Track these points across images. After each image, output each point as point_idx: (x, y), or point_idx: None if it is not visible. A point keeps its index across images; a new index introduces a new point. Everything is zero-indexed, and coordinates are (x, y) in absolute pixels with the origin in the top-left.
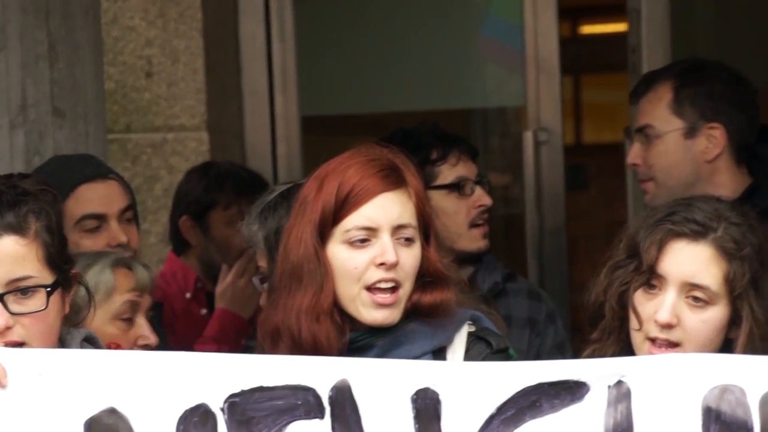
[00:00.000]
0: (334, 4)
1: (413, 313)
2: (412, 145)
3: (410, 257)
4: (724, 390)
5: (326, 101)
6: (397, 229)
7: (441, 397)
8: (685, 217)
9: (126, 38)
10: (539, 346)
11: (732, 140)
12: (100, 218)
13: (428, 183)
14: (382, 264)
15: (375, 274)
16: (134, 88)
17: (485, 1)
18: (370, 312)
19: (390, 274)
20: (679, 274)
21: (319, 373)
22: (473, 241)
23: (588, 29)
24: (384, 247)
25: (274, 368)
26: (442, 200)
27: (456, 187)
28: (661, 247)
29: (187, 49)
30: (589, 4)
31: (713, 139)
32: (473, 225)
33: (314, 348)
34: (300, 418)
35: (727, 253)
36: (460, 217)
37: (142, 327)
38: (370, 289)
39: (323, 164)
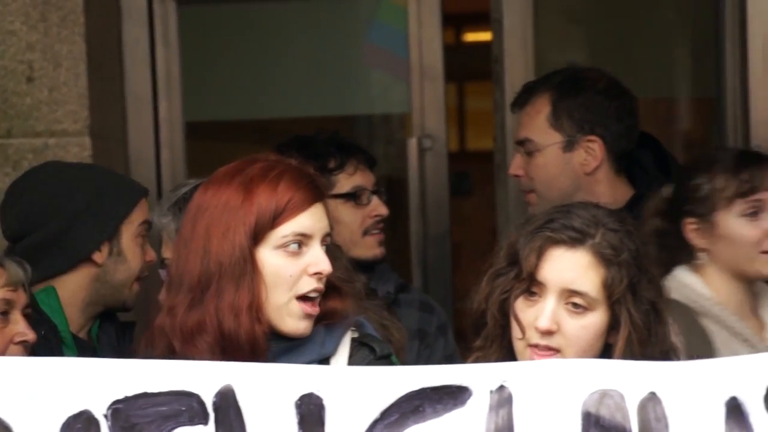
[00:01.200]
0: (218, 9)
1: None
2: (310, 152)
3: (330, 266)
4: (604, 395)
5: (210, 107)
6: (325, 237)
7: (325, 403)
8: (564, 224)
9: (6, 42)
10: (428, 357)
11: (610, 151)
12: None
13: None
14: (316, 273)
15: (308, 284)
16: (15, 93)
17: (370, 8)
18: (297, 322)
19: (320, 284)
20: (558, 280)
21: (203, 378)
22: (368, 248)
23: (472, 37)
24: (318, 256)
25: (158, 374)
26: (338, 209)
27: (353, 197)
28: (540, 255)
29: (70, 53)
30: (472, 12)
31: (591, 151)
32: (367, 233)
33: (251, 347)
34: (184, 424)
35: (605, 259)
36: (355, 225)
37: (19, 324)
38: (301, 298)
39: (227, 169)
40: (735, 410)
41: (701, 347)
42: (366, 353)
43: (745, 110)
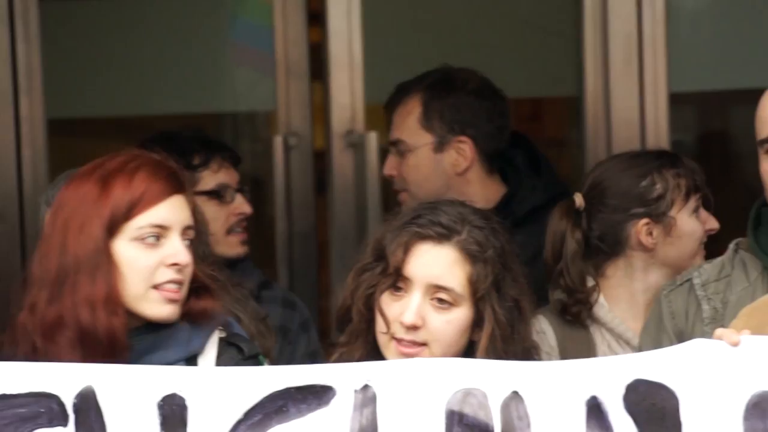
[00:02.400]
0: (80, 4)
1: (182, 319)
2: (174, 148)
3: (191, 259)
4: (467, 393)
5: (73, 103)
6: (185, 230)
7: (188, 403)
8: (431, 220)
9: None
10: (291, 354)
11: (481, 152)
12: None
13: None
14: (174, 264)
15: (165, 275)
16: None
17: (235, 4)
18: (159, 307)
19: (179, 276)
20: (425, 276)
21: (63, 379)
22: (231, 247)
23: None
24: (176, 247)
25: (17, 375)
26: (202, 206)
27: (216, 194)
28: (407, 250)
29: None
30: None
31: (462, 152)
32: (230, 232)
33: (109, 341)
34: (43, 426)
35: (471, 255)
36: (219, 223)
37: None
38: (157, 287)
39: (89, 165)
40: (595, 409)
41: (584, 350)
42: (234, 353)
43: (607, 109)
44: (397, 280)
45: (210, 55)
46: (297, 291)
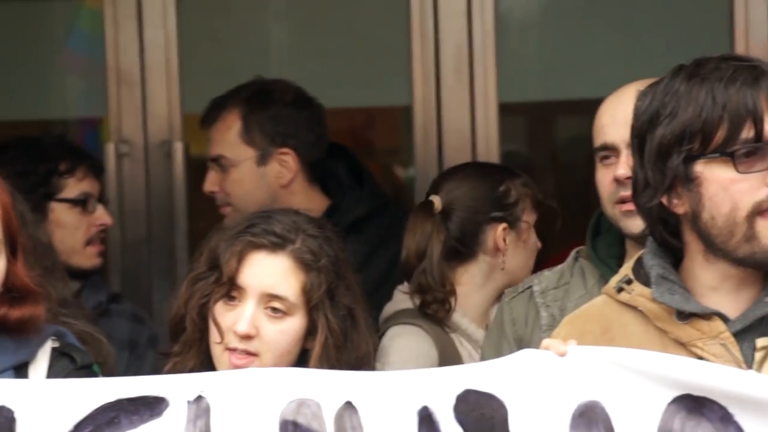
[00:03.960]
0: None
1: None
2: (38, 154)
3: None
4: (301, 404)
5: None
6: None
7: (16, 416)
8: (264, 229)
9: None
10: (137, 368)
11: (304, 162)
12: None
13: (52, 194)
14: None
15: None
16: None
17: (67, 10)
18: None
19: None
20: (259, 285)
21: None
22: (88, 258)
23: None
24: None
25: None
26: (64, 214)
27: (81, 203)
28: (240, 259)
29: None
30: None
31: (285, 163)
32: (89, 242)
33: None
34: None
35: (305, 264)
36: (79, 233)
37: None
38: None
39: None
40: (427, 419)
41: (452, 358)
42: (66, 363)
43: (439, 119)
44: (231, 290)
45: (41, 62)
46: (129, 298)
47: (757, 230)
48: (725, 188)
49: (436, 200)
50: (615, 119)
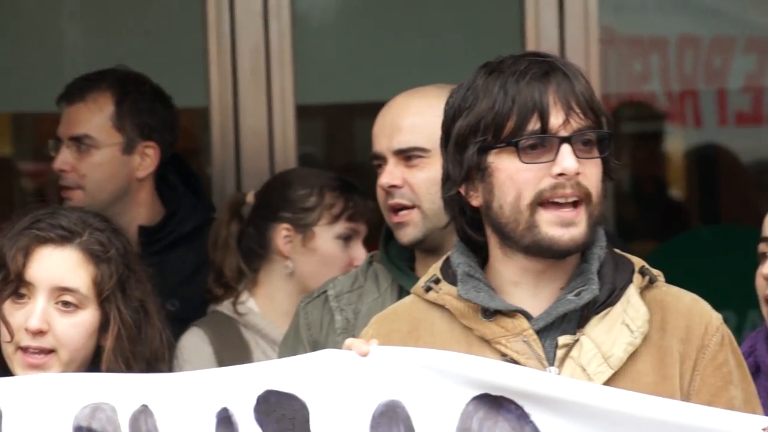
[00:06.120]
0: None
1: None
2: None
3: None
4: (96, 408)
5: None
6: None
7: None
8: (51, 224)
9: None
10: None
11: (160, 160)
12: None
13: None
14: None
15: None
16: None
17: None
18: None
19: None
20: (48, 279)
21: None
22: None
23: None
24: None
25: None
26: None
27: None
28: (27, 254)
29: None
30: None
31: (147, 157)
32: None
33: None
34: None
35: (94, 255)
36: None
37: None
38: None
39: None
40: (225, 421)
41: (240, 357)
42: None
43: (236, 120)
44: (19, 287)
45: None
46: None
47: (538, 219)
48: (511, 177)
49: (250, 195)
50: (383, 128)
